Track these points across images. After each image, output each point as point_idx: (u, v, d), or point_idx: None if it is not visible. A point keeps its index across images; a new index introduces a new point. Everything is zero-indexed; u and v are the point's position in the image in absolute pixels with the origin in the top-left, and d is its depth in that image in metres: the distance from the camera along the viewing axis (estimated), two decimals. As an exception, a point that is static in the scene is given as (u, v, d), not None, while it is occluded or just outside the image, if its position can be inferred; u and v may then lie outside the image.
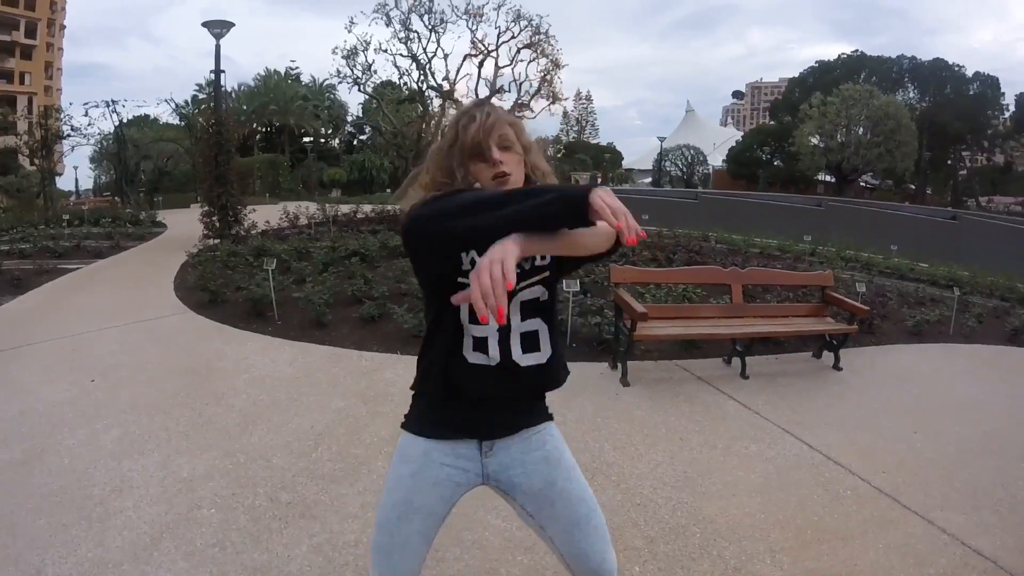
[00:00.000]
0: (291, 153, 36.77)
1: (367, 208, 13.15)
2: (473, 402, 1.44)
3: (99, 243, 9.83)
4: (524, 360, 1.40)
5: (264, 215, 11.01)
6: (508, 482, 1.50)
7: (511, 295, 1.32)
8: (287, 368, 4.30)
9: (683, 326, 4.39)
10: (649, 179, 48.89)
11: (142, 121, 30.04)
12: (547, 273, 1.40)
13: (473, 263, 1.31)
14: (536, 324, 1.41)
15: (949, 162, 44.46)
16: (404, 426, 1.51)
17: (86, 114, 18.11)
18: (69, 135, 18.64)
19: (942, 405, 4.14)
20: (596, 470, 3.05)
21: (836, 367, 4.65)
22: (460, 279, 1.33)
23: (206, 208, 9.72)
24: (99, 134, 20.42)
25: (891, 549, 2.54)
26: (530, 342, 1.41)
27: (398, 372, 4.23)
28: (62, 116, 18.82)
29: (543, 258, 1.38)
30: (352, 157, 38.45)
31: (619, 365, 4.30)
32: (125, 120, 19.79)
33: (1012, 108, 42.82)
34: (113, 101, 18.72)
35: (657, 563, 2.40)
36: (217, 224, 9.66)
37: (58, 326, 5.24)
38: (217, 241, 9.28)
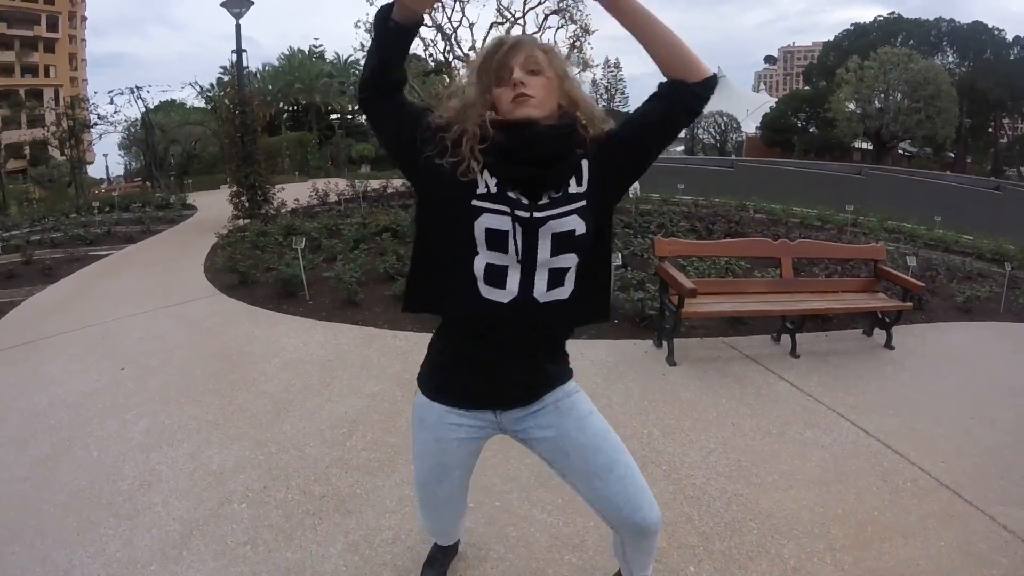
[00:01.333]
0: (319, 131, 36.74)
1: (397, 182, 13.00)
2: (484, 364, 1.38)
3: (129, 228, 9.87)
4: (545, 296, 1.31)
5: (293, 193, 10.95)
6: (524, 434, 1.50)
7: (540, 223, 1.27)
8: (319, 350, 4.20)
9: (732, 302, 4.14)
10: (682, 147, 47.76)
11: (168, 106, 30.31)
12: (583, 202, 1.30)
13: (487, 185, 1.28)
14: (569, 260, 1.31)
15: (990, 130, 42.53)
16: (419, 381, 1.52)
17: (111, 102, 18.28)
18: (96, 123, 18.90)
19: (996, 389, 3.89)
20: (646, 459, 2.90)
21: (888, 346, 4.39)
22: (475, 202, 1.28)
23: (234, 189, 9.66)
24: (126, 121, 20.72)
25: (952, 547, 2.38)
26: (556, 278, 1.32)
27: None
28: (88, 105, 19.05)
29: (578, 183, 1.31)
30: None
31: (664, 343, 4.11)
32: (151, 106, 19.97)
33: None
34: (137, 87, 18.84)
35: (713, 562, 2.26)
36: (246, 204, 9.62)
37: (88, 314, 5.21)
38: (247, 221, 9.24)
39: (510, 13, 15.72)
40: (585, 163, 1.32)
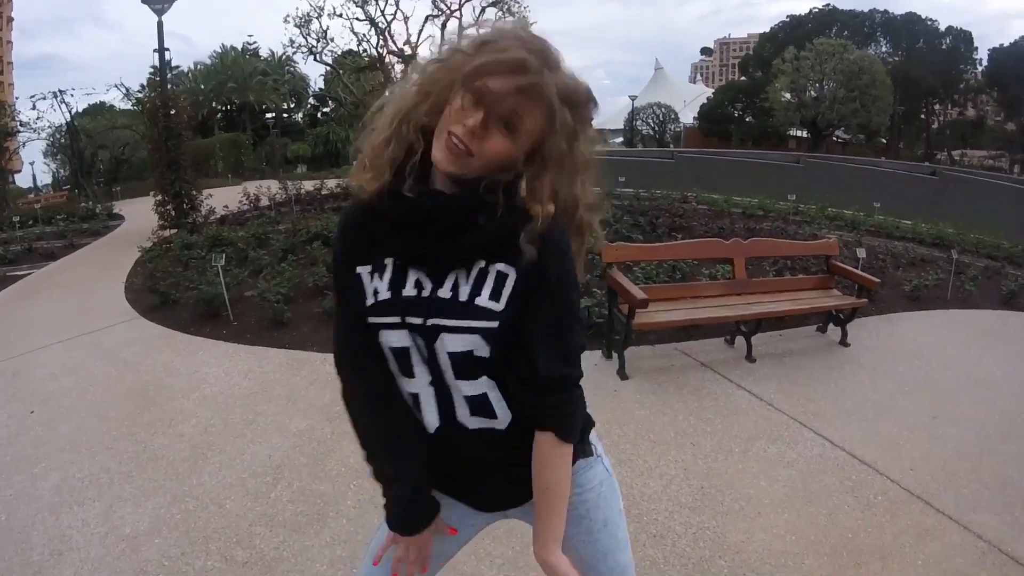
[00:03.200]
0: (253, 130, 35.49)
1: (332, 183, 12.53)
2: (451, 474, 1.09)
3: (51, 244, 9.17)
4: (474, 423, 1.02)
5: (224, 198, 10.40)
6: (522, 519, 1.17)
7: (433, 335, 0.97)
8: (242, 381, 3.86)
9: (686, 308, 3.99)
10: (620, 139, 48.24)
11: (97, 110, 28.59)
12: (493, 323, 0.96)
13: (376, 294, 1.00)
14: (481, 386, 0.99)
15: (922, 116, 44.67)
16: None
17: (34, 107, 17.13)
18: (18, 131, 17.65)
19: (955, 383, 3.90)
20: (601, 493, 2.69)
21: (843, 343, 4.36)
22: (371, 318, 1.00)
23: (159, 197, 9.04)
24: (50, 127, 19.47)
25: (931, 565, 2.29)
26: (478, 405, 1.01)
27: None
28: (10, 112, 17.77)
29: (495, 297, 0.96)
30: (316, 131, 37.31)
31: (613, 355, 3.93)
32: (78, 110, 18.84)
33: (984, 63, 42.89)
34: (60, 91, 17.67)
35: (684, 612, 2.06)
36: (172, 213, 9.02)
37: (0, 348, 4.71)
38: (173, 231, 8.68)
39: (446, 6, 15.35)
40: (512, 277, 0.96)
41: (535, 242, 0.93)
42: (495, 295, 0.95)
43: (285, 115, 40.07)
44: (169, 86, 9.87)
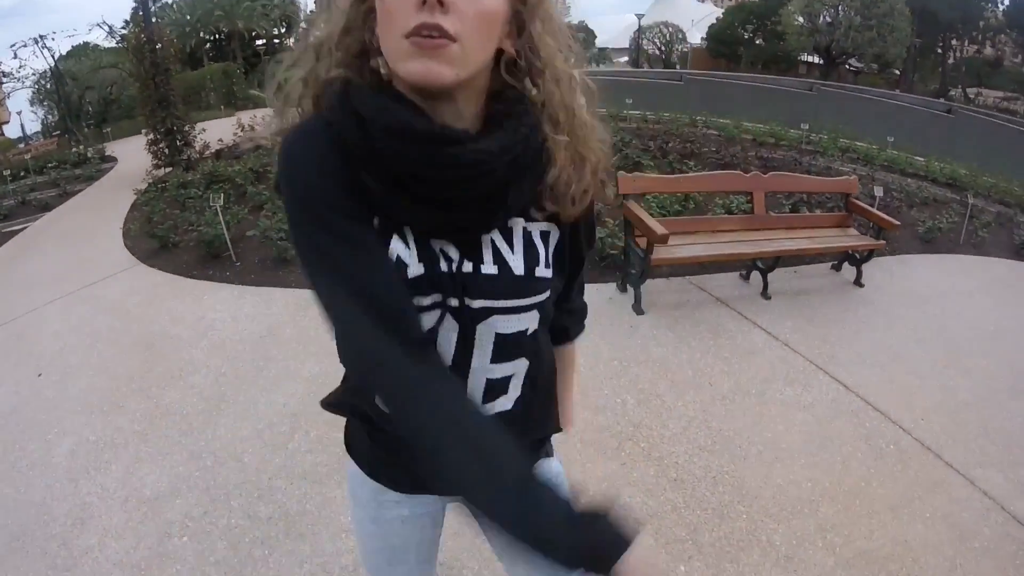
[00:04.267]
0: (244, 59, 34.16)
1: None
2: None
3: (45, 194, 8.89)
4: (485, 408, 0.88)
5: (218, 131, 9.95)
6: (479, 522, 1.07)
7: (479, 317, 0.78)
8: (250, 325, 3.80)
9: (704, 243, 3.88)
10: (625, 58, 46.54)
11: (80, 51, 27.50)
12: (545, 295, 0.81)
13: (404, 267, 0.74)
14: (513, 368, 0.86)
15: (938, 50, 42.84)
16: (348, 446, 1.05)
17: (15, 56, 16.46)
18: (2, 82, 17.08)
19: (966, 332, 3.85)
20: (624, 435, 2.70)
21: (858, 283, 4.30)
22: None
23: (151, 136, 8.74)
24: (34, 75, 18.76)
25: (938, 519, 2.32)
26: (496, 387, 0.87)
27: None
28: None
29: (547, 265, 0.81)
30: None
31: (629, 289, 3.87)
32: (61, 54, 18.11)
33: (1006, 1, 40.91)
34: (41, 36, 16.93)
35: (704, 558, 2.11)
36: (166, 151, 8.73)
37: (1, 309, 4.59)
38: (168, 170, 8.43)
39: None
40: (555, 235, 0.83)
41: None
42: (548, 261, 0.81)
43: (276, 41, 38.42)
44: (154, 20, 9.33)
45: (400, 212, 0.73)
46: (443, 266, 0.75)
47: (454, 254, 0.76)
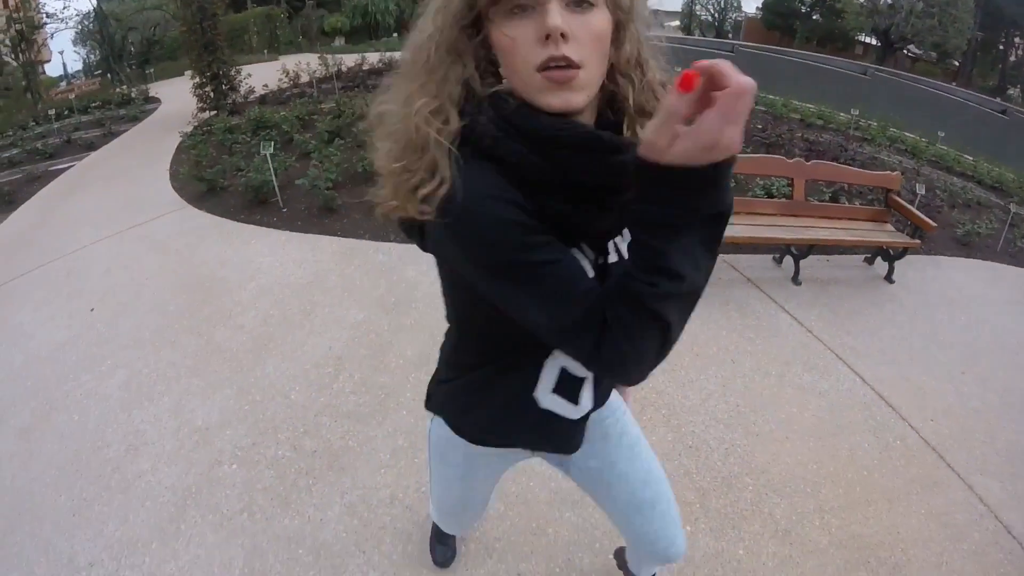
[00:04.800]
0: (287, 2, 33.99)
1: (373, 58, 12.00)
2: (527, 427, 1.06)
3: (90, 133, 9.06)
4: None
5: (262, 76, 10.11)
6: (561, 464, 1.25)
7: None
8: (296, 271, 3.96)
9: (743, 224, 3.94)
10: (677, 22, 45.18)
11: None
12: None
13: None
14: None
15: (1000, 46, 40.84)
16: (443, 413, 1.14)
17: None
18: (46, 23, 17.29)
19: (989, 342, 3.84)
20: (646, 401, 2.84)
21: (889, 279, 4.31)
22: None
23: (197, 80, 8.88)
24: (77, 15, 18.93)
25: (932, 516, 2.43)
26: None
27: (420, 269, 3.88)
28: (35, 5, 17.31)
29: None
30: (353, 1, 35.56)
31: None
32: None
33: None
34: None
35: (709, 521, 2.26)
36: (211, 95, 8.87)
37: (50, 247, 4.71)
38: (213, 113, 8.58)
39: None
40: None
41: None
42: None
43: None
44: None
45: (580, 224, 0.78)
46: (613, 257, 0.86)
47: (589, 254, 0.83)
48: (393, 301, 3.53)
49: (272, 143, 5.01)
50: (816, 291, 4.04)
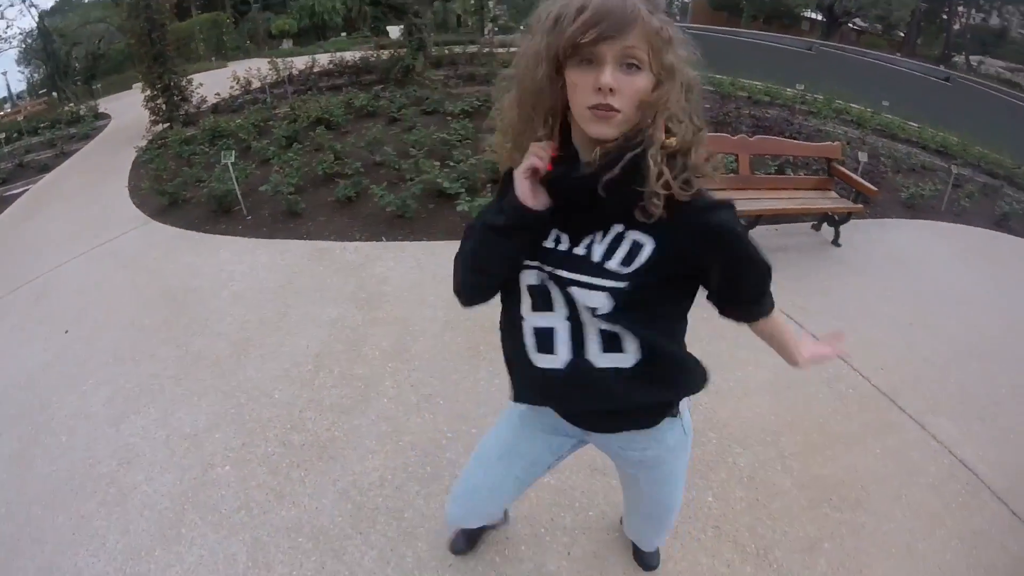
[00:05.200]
0: (232, 7, 33.26)
1: (323, 59, 11.92)
2: (569, 400, 1.23)
3: (42, 155, 8.84)
4: (602, 360, 1.11)
5: (212, 85, 9.97)
6: (609, 453, 1.43)
7: (566, 284, 1.07)
8: (267, 275, 4.02)
9: (693, 200, 4.17)
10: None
11: (63, 6, 26.81)
12: (622, 284, 1.03)
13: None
14: (616, 327, 1.09)
15: (944, 16, 42.00)
16: (513, 387, 1.32)
17: (2, 17, 16.04)
18: None
19: (935, 295, 4.10)
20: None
21: (835, 243, 4.57)
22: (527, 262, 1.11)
23: (148, 92, 8.76)
24: (21, 34, 18.33)
25: (888, 455, 2.64)
26: (612, 342, 1.10)
27: (387, 264, 4.01)
28: None
29: (627, 262, 1.04)
30: (300, 2, 34.97)
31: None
32: (46, 10, 17.68)
33: None
34: None
35: (680, 475, 2.42)
36: (163, 107, 8.77)
37: (15, 273, 4.65)
38: (167, 126, 8.48)
39: None
40: (648, 247, 1.03)
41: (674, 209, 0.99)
42: (627, 260, 1.03)
43: (262, -11, 37.23)
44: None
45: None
46: (549, 243, 1.09)
47: (564, 239, 1.08)
48: (364, 296, 3.63)
49: (232, 152, 5.03)
50: (767, 258, 4.25)
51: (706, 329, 3.30)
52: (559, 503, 2.28)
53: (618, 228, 1.05)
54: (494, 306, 1.23)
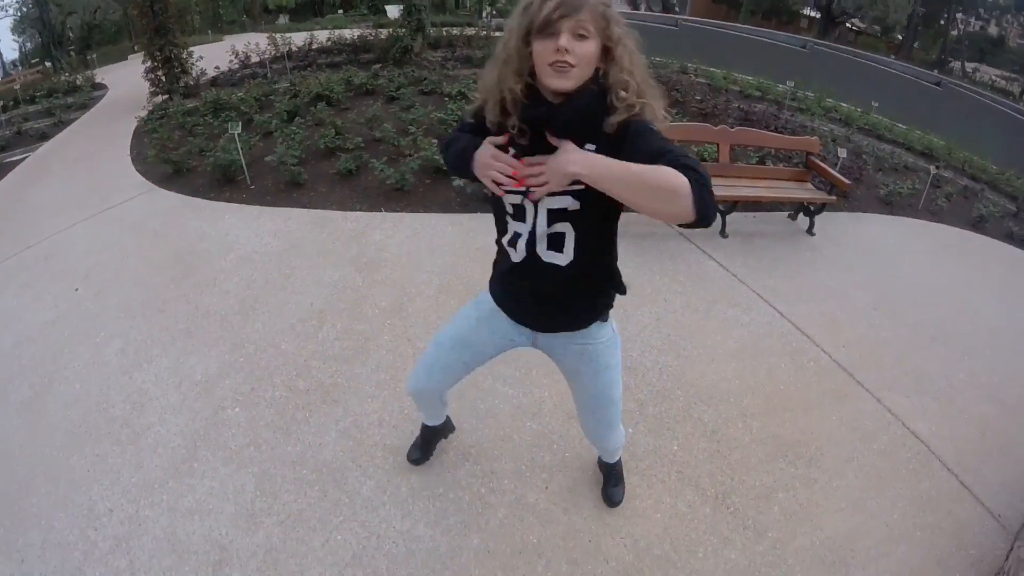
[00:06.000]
0: (230, -19, 32.92)
1: (322, 36, 11.95)
2: (521, 295, 1.62)
3: (40, 123, 8.84)
4: (547, 256, 1.49)
5: (210, 57, 9.98)
6: (551, 354, 1.76)
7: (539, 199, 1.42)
8: (272, 240, 4.20)
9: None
10: (623, -5, 45.43)
11: None
12: (581, 186, 1.34)
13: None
14: (563, 227, 1.45)
15: (941, 22, 42.28)
16: (490, 286, 1.75)
17: None
18: None
19: (902, 285, 4.31)
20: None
21: (810, 232, 4.81)
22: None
23: (148, 64, 8.84)
24: (17, 2, 18.12)
25: (843, 422, 2.87)
26: (555, 242, 1.47)
27: (386, 232, 4.21)
28: None
29: None
30: None
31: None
32: None
33: None
34: None
35: (647, 424, 2.70)
36: (163, 79, 8.86)
37: (22, 234, 4.71)
38: (166, 97, 8.58)
39: None
40: (592, 149, 1.34)
41: (617, 126, 1.31)
42: None
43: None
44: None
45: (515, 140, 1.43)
46: None
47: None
48: (365, 261, 3.85)
49: (239, 123, 5.18)
50: (742, 243, 4.51)
51: (680, 302, 3.63)
52: (539, 444, 2.53)
53: (589, 148, 1.34)
54: (485, 274, 1.76)
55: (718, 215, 4.54)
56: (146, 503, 2.32)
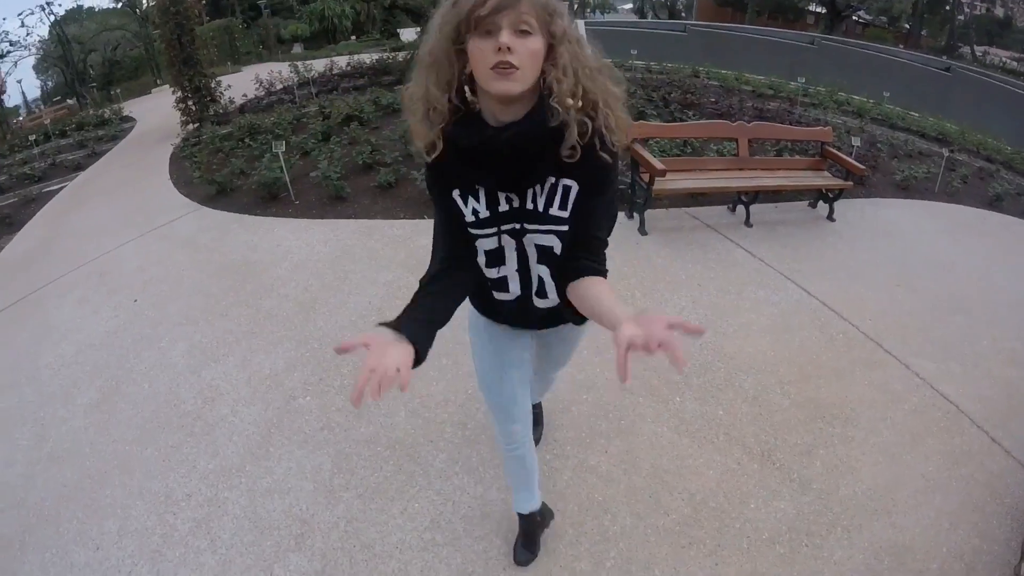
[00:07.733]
0: (242, 13, 33.87)
1: (341, 62, 12.42)
2: (516, 320, 1.61)
3: (74, 155, 9.21)
4: (538, 302, 1.49)
5: (235, 87, 10.42)
6: (539, 338, 1.79)
7: (523, 234, 1.34)
8: (323, 248, 4.40)
9: (696, 179, 4.65)
10: (630, 5, 45.91)
11: (76, 14, 27.55)
12: (564, 227, 1.30)
13: (476, 213, 1.32)
14: (543, 272, 1.40)
15: (947, 7, 42.20)
16: (475, 306, 1.68)
17: (22, 24, 16.70)
18: (9, 51, 17.31)
19: (922, 262, 4.47)
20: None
21: (830, 218, 4.99)
22: (471, 230, 1.36)
23: (179, 94, 9.25)
24: (39, 41, 18.95)
25: (874, 386, 3.03)
26: (542, 290, 1.46)
27: (431, 237, 4.39)
28: None
29: (562, 207, 1.28)
30: (310, 8, 35.58)
31: (635, 215, 4.61)
32: (61, 17, 18.31)
33: None
34: (48, 3, 17.05)
35: (693, 392, 2.89)
36: (194, 108, 9.28)
37: (71, 255, 4.94)
38: (197, 125, 8.96)
39: None
40: (574, 188, 1.26)
41: (600, 159, 1.20)
42: (563, 205, 1.28)
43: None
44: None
45: (481, 176, 1.27)
46: (504, 207, 1.30)
47: (514, 200, 1.29)
48: (414, 263, 4.06)
49: (283, 142, 5.46)
50: (766, 231, 4.70)
51: (713, 286, 3.83)
52: (596, 414, 2.73)
53: (551, 179, 1.26)
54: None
55: (742, 206, 4.76)
56: (224, 486, 2.45)
